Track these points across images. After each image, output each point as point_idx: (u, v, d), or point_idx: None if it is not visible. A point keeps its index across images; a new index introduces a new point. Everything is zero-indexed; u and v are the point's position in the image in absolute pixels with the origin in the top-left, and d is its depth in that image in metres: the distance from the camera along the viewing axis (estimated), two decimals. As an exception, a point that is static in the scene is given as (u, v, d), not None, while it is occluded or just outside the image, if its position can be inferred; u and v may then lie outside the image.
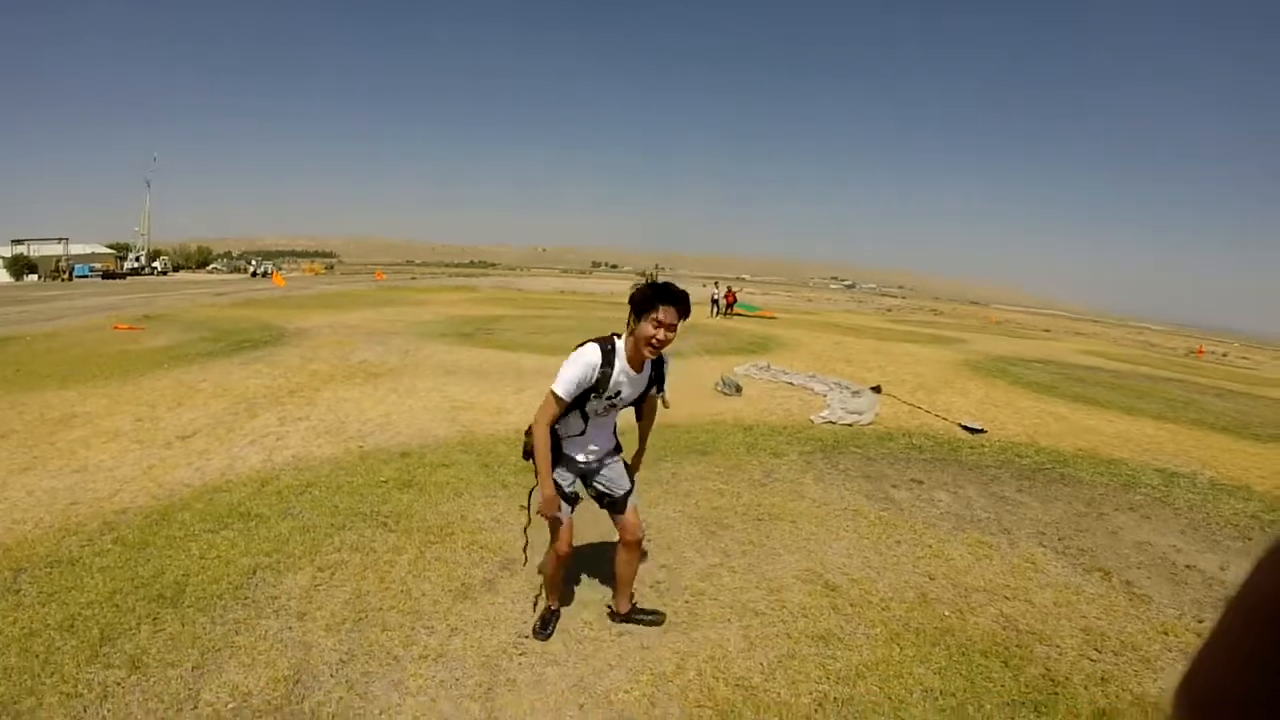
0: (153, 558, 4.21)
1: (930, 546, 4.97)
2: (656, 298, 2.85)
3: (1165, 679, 3.53)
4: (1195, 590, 4.51)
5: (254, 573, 4.05)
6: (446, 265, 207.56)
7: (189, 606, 3.67)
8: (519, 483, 5.82)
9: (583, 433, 3.16)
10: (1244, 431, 9.66)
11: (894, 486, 6.31)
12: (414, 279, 39.60)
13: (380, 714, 2.96)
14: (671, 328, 2.87)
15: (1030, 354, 19.19)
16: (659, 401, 3.40)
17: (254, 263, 75.93)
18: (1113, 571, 4.69)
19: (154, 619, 3.53)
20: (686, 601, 4.01)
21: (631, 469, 3.57)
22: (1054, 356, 18.86)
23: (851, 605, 4.06)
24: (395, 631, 3.56)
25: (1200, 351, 28.41)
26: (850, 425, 8.78)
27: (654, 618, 3.74)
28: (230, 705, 2.96)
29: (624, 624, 3.69)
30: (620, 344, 3.01)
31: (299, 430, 7.23)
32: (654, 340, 2.87)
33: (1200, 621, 4.11)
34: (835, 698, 3.20)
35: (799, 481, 6.33)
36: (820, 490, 6.11)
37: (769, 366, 13.02)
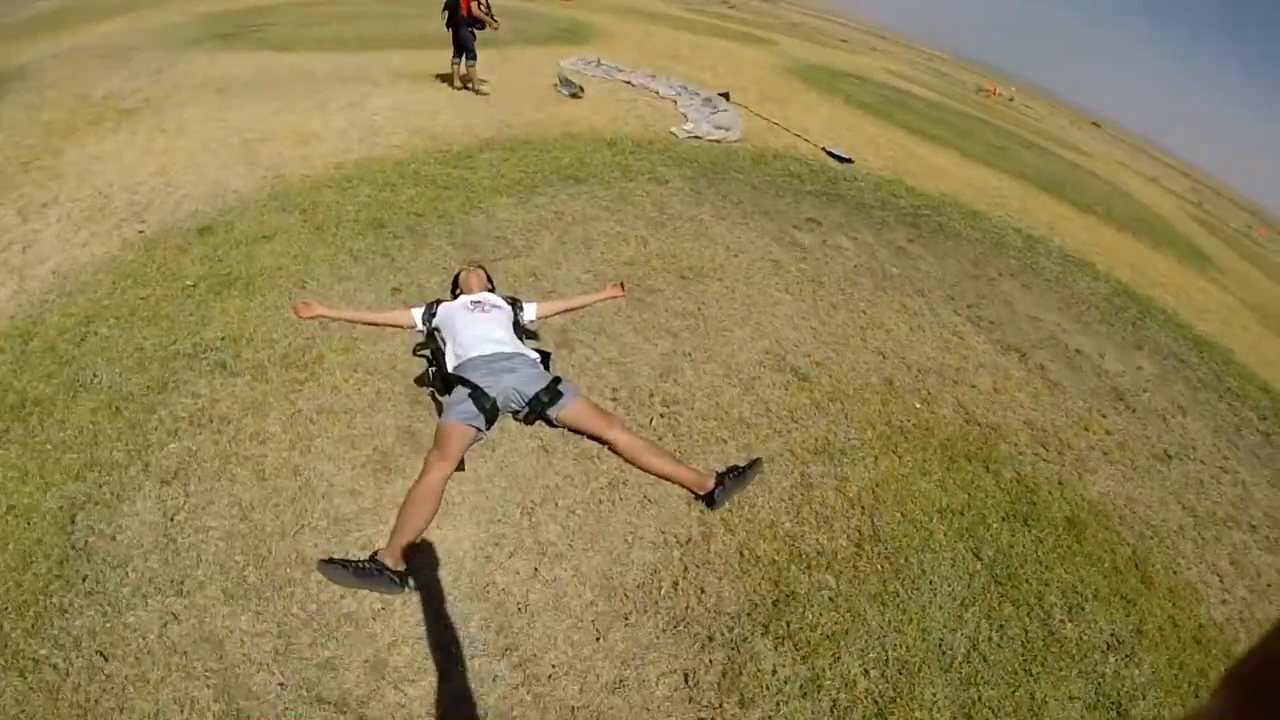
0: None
1: (865, 313, 4.83)
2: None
3: (1102, 482, 3.90)
4: (1089, 379, 4.99)
5: (72, 519, 2.59)
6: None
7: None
8: (371, 248, 4.42)
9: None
10: (1062, 194, 10.89)
11: (795, 228, 5.95)
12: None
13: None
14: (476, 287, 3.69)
15: (843, 66, 19.28)
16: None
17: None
18: (1026, 353, 4.97)
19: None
20: (663, 415, 3.39)
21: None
22: (865, 73, 19.17)
23: (830, 399, 3.78)
24: (325, 591, 2.42)
25: (994, 93, 30.88)
26: (719, 141, 8.05)
27: (750, 467, 3.02)
28: None
29: (719, 497, 2.91)
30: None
31: (50, 223, 4.69)
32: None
33: (1104, 417, 4.54)
34: (869, 534, 2.99)
35: (699, 219, 5.65)
36: (726, 231, 5.52)
37: (599, 61, 11.29)
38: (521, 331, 3.53)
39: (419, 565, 2.52)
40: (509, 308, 3.56)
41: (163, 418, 3.04)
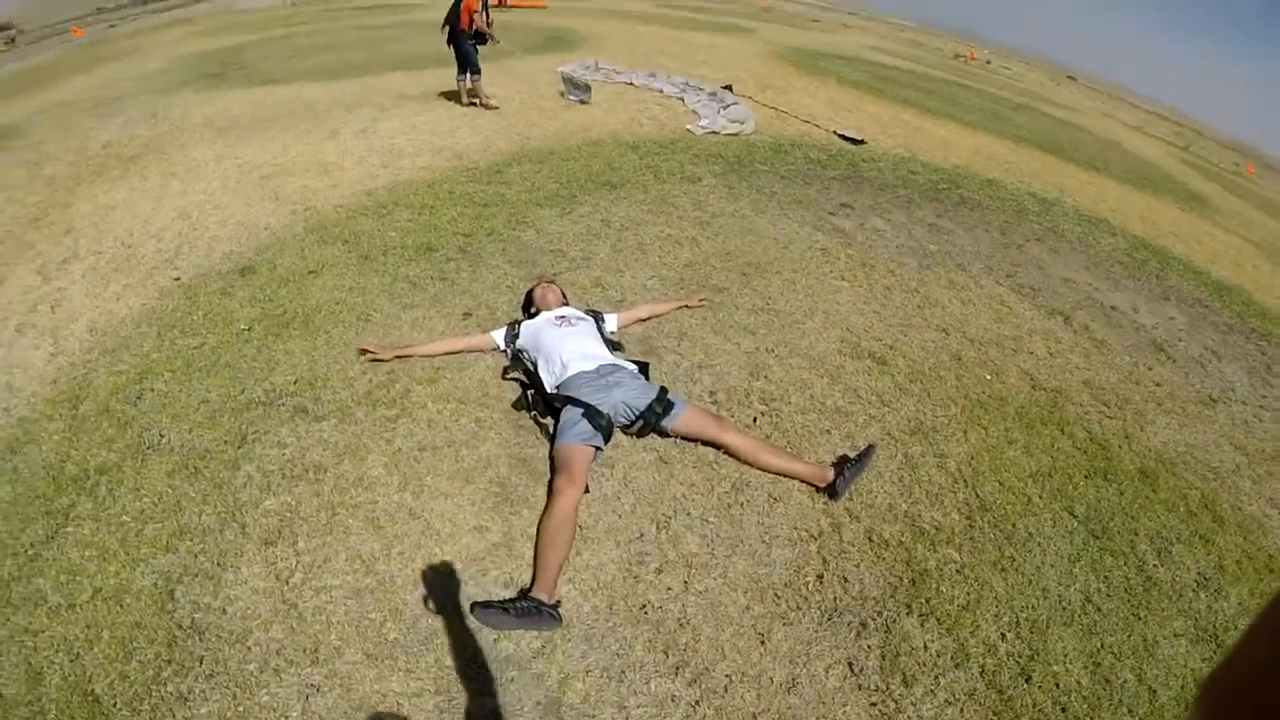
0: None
1: (918, 292, 4.93)
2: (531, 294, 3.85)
3: (1161, 432, 4.03)
4: (1128, 334, 5.11)
5: (171, 595, 2.35)
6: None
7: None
8: (428, 273, 4.36)
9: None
10: (1062, 154, 10.92)
11: (831, 214, 6.04)
12: (113, 26, 24.81)
13: None
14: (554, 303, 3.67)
15: (824, 47, 19.19)
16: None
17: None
18: (1069, 315, 5.09)
19: None
20: (764, 413, 3.47)
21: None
22: (848, 52, 19.06)
23: (910, 380, 3.90)
24: (476, 637, 2.30)
25: (971, 57, 30.75)
26: (735, 135, 8.10)
27: (866, 454, 3.05)
28: None
29: (841, 487, 2.96)
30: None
31: (75, 279, 4.41)
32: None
33: (1150, 369, 4.68)
34: (976, 506, 3.10)
35: (740, 214, 5.74)
36: (770, 224, 5.61)
37: (597, 65, 11.29)
38: (608, 344, 3.45)
39: (570, 595, 2.47)
40: (592, 320, 3.52)
41: (250, 473, 2.79)
